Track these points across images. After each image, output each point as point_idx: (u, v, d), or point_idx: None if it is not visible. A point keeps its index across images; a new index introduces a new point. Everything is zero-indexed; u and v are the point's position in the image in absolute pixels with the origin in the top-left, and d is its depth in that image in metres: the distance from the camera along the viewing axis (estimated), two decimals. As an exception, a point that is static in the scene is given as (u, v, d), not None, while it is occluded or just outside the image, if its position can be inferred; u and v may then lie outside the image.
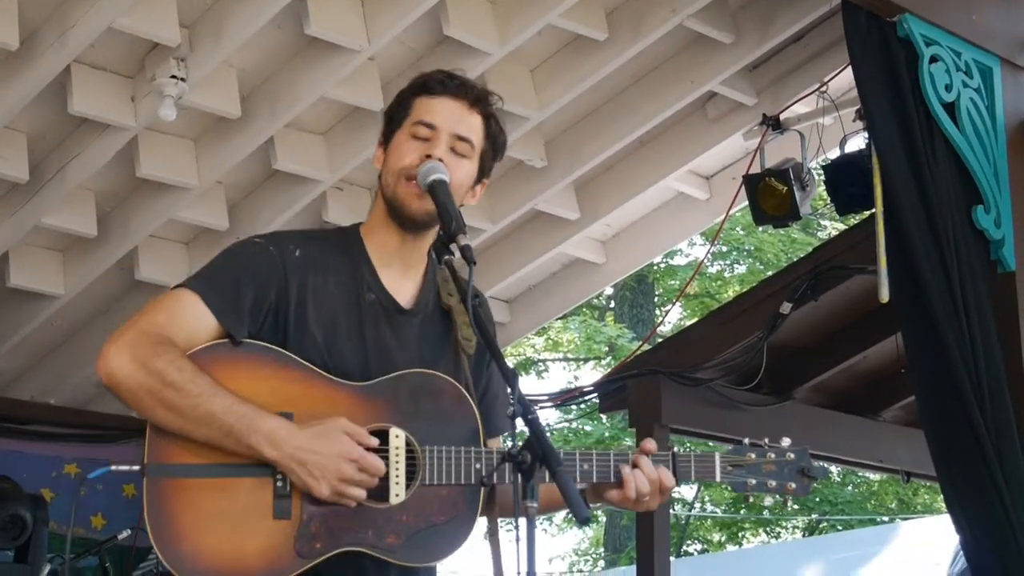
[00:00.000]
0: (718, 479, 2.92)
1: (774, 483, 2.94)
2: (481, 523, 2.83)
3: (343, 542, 2.66)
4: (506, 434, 2.81)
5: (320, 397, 2.72)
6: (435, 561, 2.77)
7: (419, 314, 2.91)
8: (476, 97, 2.90)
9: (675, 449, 2.91)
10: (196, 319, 2.72)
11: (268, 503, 2.64)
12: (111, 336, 2.69)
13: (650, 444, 2.88)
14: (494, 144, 2.95)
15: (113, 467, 2.95)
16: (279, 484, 2.64)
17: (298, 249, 2.84)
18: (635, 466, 2.84)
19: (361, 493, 2.64)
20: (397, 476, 2.69)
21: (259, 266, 2.80)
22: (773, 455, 2.95)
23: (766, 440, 2.96)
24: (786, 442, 2.96)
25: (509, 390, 2.53)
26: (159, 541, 2.60)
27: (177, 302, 2.75)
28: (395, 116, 2.92)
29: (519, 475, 2.49)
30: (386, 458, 2.68)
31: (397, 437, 2.71)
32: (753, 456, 2.95)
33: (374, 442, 2.67)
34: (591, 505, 2.94)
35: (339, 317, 2.81)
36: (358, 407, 2.72)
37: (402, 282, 2.92)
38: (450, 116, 2.87)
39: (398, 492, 2.69)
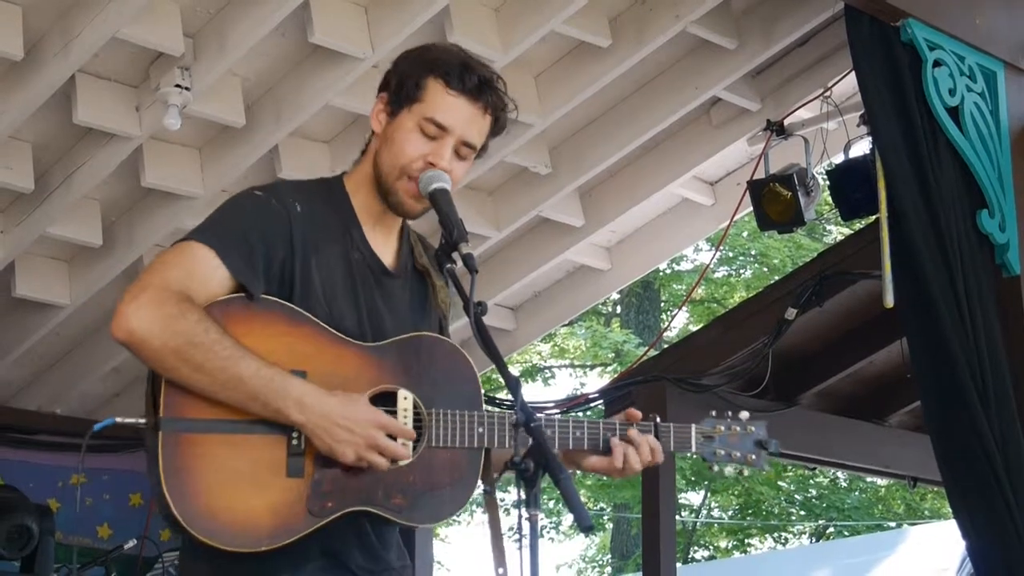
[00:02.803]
0: (694, 449, 3.02)
1: (738, 454, 3.05)
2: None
3: (353, 501, 2.66)
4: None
5: (331, 356, 2.70)
6: (438, 521, 2.81)
7: (401, 276, 2.92)
8: (493, 103, 2.87)
9: (656, 419, 2.96)
10: (211, 274, 2.66)
11: (282, 460, 2.63)
12: (127, 294, 2.61)
13: (636, 412, 2.92)
14: (496, 133, 2.93)
15: (118, 419, 2.92)
16: (294, 443, 2.63)
17: (299, 203, 2.81)
18: (628, 440, 2.88)
19: (385, 462, 2.64)
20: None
21: (266, 220, 2.76)
22: (737, 427, 3.05)
23: (728, 412, 3.07)
24: (744, 415, 3.07)
25: (512, 397, 2.53)
26: (174, 496, 2.55)
27: (192, 257, 2.67)
28: (406, 86, 2.85)
29: (522, 483, 2.47)
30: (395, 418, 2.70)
31: (405, 399, 2.72)
32: (722, 428, 3.05)
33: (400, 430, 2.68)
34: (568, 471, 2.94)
35: (337, 276, 2.79)
36: (367, 367, 2.73)
37: (385, 243, 2.92)
38: (462, 121, 2.83)
39: None
